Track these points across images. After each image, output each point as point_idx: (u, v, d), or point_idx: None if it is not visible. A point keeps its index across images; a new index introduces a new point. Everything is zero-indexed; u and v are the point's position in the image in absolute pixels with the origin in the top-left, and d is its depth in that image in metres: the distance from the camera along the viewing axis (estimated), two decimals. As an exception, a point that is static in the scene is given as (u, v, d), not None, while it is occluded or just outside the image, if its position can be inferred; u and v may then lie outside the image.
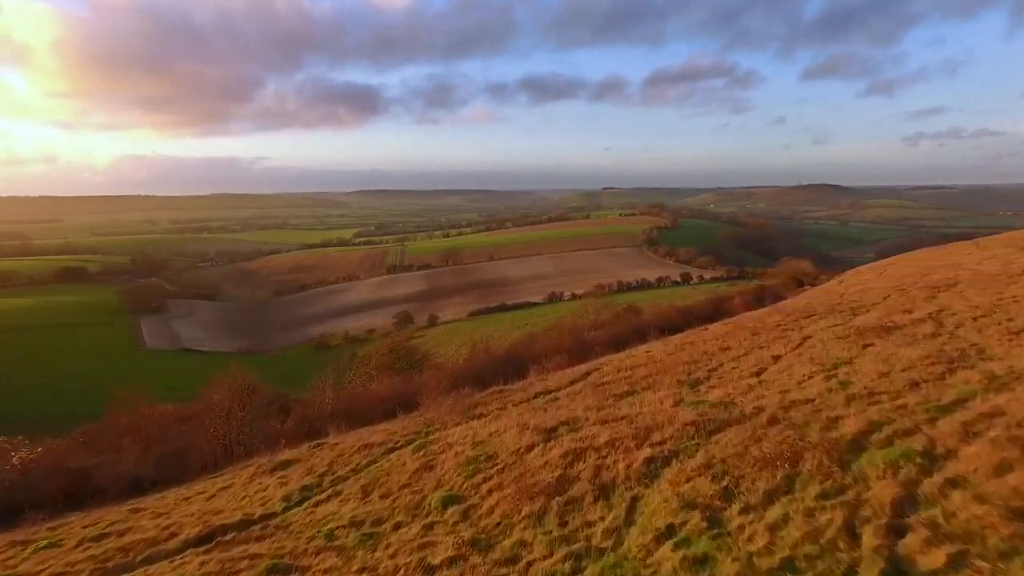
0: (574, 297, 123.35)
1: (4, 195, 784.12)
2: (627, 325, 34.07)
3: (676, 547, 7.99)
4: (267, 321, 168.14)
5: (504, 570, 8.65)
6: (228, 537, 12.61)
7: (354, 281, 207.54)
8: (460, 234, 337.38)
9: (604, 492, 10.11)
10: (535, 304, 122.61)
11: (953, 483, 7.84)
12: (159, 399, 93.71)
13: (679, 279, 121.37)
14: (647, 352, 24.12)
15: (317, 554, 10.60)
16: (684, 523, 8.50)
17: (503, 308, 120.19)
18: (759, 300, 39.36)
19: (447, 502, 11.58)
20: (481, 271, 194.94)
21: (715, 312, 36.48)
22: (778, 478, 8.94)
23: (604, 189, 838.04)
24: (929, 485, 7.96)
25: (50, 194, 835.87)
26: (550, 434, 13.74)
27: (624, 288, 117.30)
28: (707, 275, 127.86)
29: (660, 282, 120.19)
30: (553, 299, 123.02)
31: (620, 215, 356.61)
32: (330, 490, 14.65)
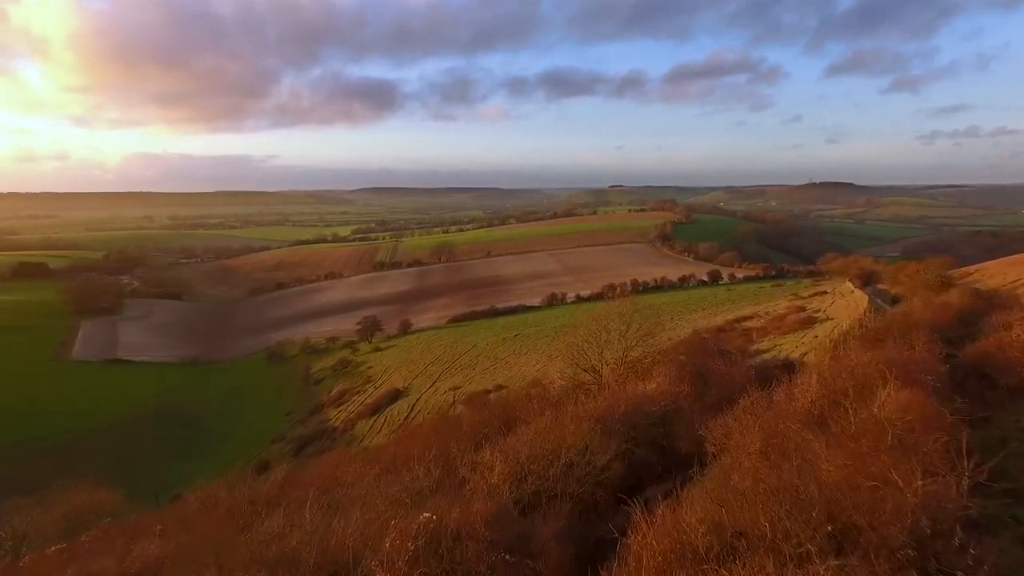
0: (579, 299, 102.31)
1: (5, 191, 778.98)
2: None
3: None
4: (229, 324, 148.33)
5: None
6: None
7: (336, 279, 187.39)
8: (461, 231, 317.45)
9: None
10: (531, 308, 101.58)
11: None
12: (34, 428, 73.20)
13: (707, 278, 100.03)
14: None
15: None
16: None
17: (492, 313, 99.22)
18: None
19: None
20: (475, 269, 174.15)
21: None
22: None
23: (611, 187, 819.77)
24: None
25: (57, 191, 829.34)
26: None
27: (641, 289, 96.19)
28: (739, 274, 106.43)
29: (684, 282, 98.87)
30: (553, 302, 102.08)
31: (629, 211, 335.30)
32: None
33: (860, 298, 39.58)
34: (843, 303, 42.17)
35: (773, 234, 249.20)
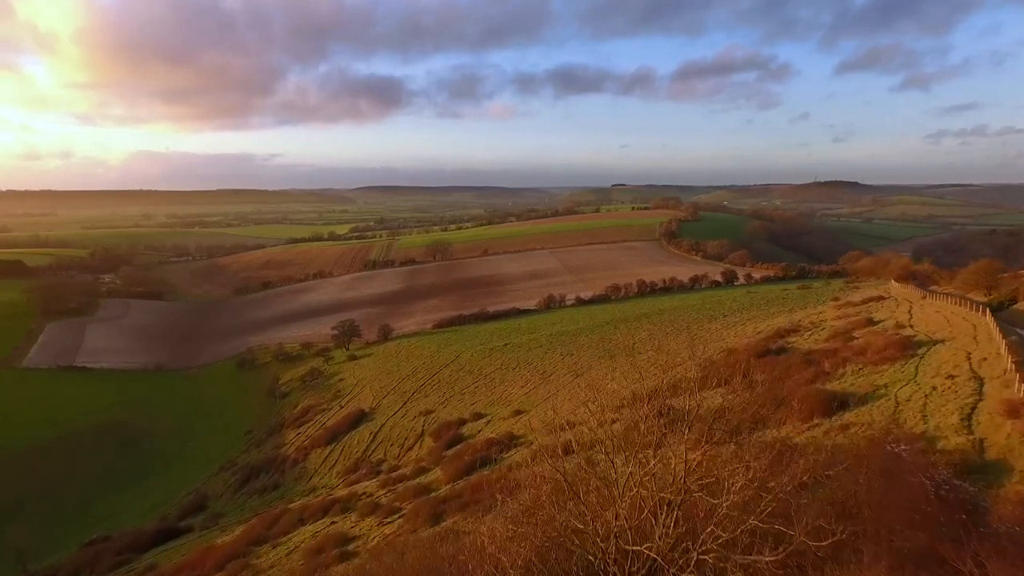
0: (580, 302, 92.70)
1: (5, 189, 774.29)
2: None
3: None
4: (207, 327, 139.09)
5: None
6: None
7: (324, 279, 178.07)
8: (460, 228, 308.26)
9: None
10: (526, 311, 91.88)
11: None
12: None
13: (720, 279, 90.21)
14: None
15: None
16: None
17: (482, 317, 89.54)
18: None
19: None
20: (470, 267, 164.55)
21: None
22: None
23: (614, 186, 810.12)
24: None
25: (58, 189, 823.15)
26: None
27: (647, 290, 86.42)
28: (756, 274, 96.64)
29: (695, 283, 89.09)
30: (551, 305, 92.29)
31: (633, 208, 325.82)
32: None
33: (971, 314, 28.47)
34: (929, 315, 31.82)
35: (784, 232, 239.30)
